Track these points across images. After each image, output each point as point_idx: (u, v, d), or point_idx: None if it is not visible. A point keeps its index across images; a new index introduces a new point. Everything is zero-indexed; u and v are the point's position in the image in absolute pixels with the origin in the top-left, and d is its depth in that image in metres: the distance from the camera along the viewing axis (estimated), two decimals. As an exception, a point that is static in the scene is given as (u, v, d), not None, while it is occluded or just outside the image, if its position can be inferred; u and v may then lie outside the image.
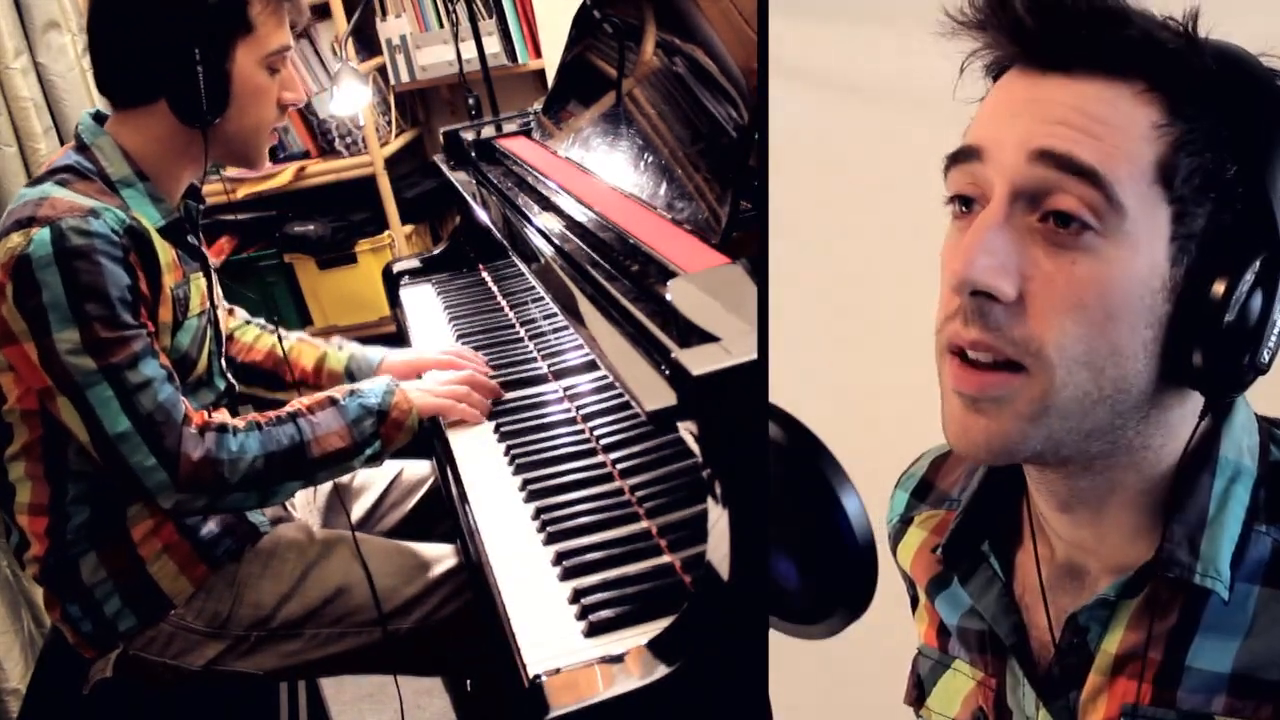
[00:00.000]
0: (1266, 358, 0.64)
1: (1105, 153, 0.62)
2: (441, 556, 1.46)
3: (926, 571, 0.84)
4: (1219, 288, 0.63)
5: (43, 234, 1.25)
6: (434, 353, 1.67)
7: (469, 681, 1.57)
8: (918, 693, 0.86)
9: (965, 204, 0.68)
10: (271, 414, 1.38)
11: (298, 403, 1.40)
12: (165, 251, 1.37)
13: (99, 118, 1.41)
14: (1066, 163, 0.62)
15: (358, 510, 1.69)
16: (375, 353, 1.72)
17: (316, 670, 1.45)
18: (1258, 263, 0.63)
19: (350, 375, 1.69)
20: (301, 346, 1.73)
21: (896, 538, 0.88)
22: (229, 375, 1.55)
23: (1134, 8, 0.65)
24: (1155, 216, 0.63)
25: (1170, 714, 0.66)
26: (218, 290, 1.55)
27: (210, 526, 1.43)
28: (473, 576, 1.26)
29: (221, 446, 1.31)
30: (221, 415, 1.40)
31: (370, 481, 1.71)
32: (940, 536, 0.82)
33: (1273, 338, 0.64)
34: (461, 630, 1.41)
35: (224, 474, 1.31)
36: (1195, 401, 0.67)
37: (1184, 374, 0.65)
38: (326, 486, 1.70)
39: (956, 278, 0.64)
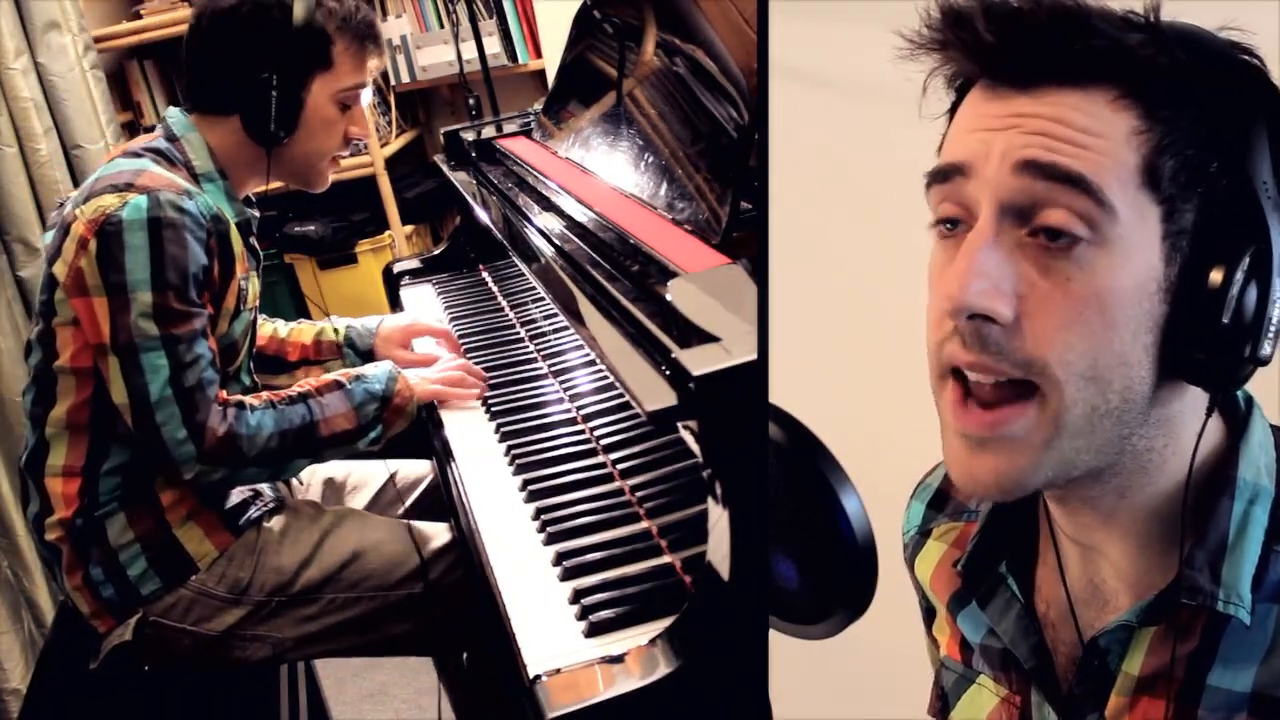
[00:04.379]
0: (1268, 348, 0.63)
1: (1090, 160, 0.62)
2: (443, 530, 1.50)
3: (948, 587, 0.83)
4: (1215, 278, 0.62)
5: (139, 200, 1.32)
6: (426, 321, 1.79)
7: (464, 656, 1.58)
8: (941, 705, 0.85)
9: (951, 224, 0.67)
10: (283, 393, 1.44)
11: (306, 384, 1.46)
12: (238, 244, 1.45)
13: (184, 112, 1.50)
14: (1053, 172, 0.62)
15: (353, 506, 1.70)
16: (371, 320, 1.80)
17: (329, 639, 1.47)
18: (1250, 251, 0.62)
19: (350, 342, 1.76)
20: (300, 327, 1.80)
21: (915, 550, 0.87)
22: (254, 375, 1.61)
23: (1094, 7, 0.64)
24: (1146, 219, 0.63)
25: None
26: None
27: (233, 496, 1.48)
28: (472, 576, 1.26)
29: (241, 422, 1.37)
30: (237, 394, 1.45)
31: (366, 480, 1.73)
32: (960, 550, 0.81)
33: (1272, 325, 0.63)
34: (467, 598, 1.42)
35: (243, 449, 1.37)
36: (1194, 395, 0.67)
37: (1186, 372, 0.64)
38: (319, 482, 1.72)
39: (951, 303, 0.63)
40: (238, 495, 1.49)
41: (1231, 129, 0.63)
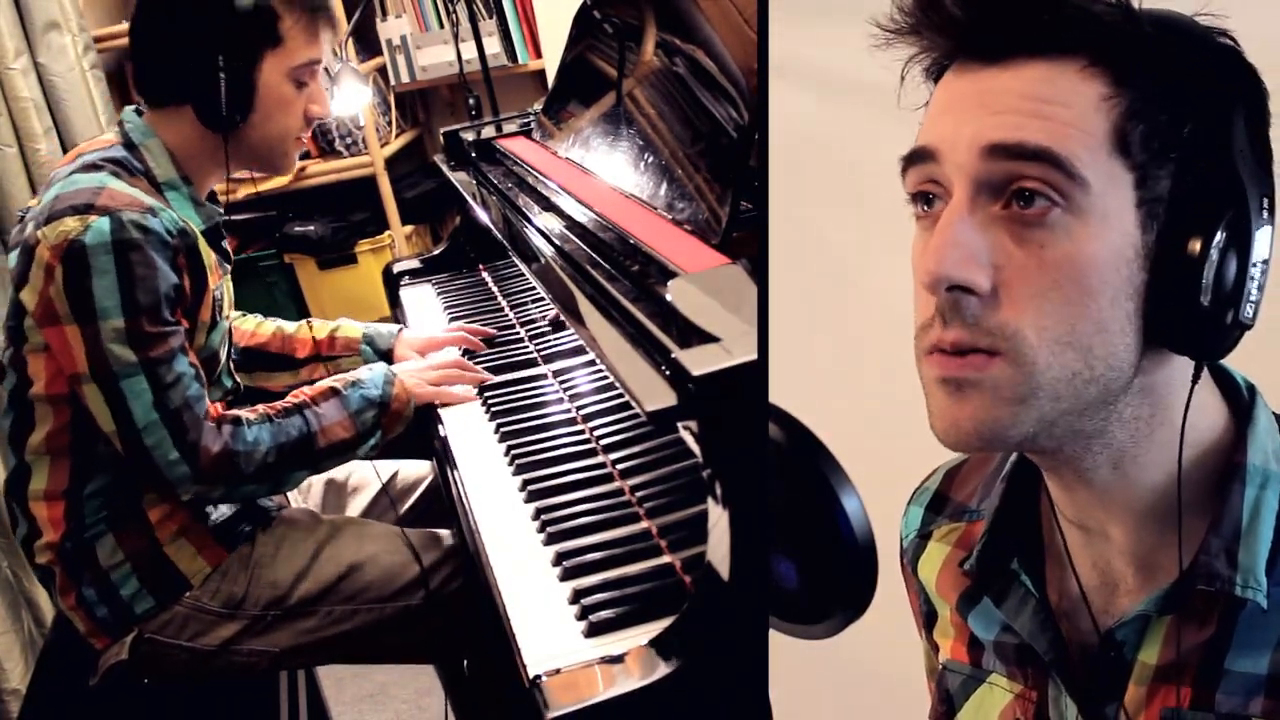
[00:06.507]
0: (1250, 313, 0.64)
1: (1056, 132, 0.63)
2: (443, 538, 1.49)
3: (955, 587, 0.83)
4: (1194, 246, 0.62)
5: (101, 223, 1.27)
6: (444, 332, 1.76)
7: (465, 663, 1.58)
8: (945, 708, 0.85)
9: (926, 202, 0.68)
10: (278, 405, 1.42)
11: (301, 393, 1.44)
12: (208, 254, 1.41)
13: (139, 113, 1.45)
14: (1019, 150, 0.63)
15: (354, 509, 1.70)
16: (391, 327, 1.79)
17: (327, 651, 1.47)
18: (1228, 217, 0.62)
19: (369, 340, 1.75)
20: (310, 324, 1.78)
21: (916, 554, 0.87)
22: (235, 374, 1.59)
23: None
24: (1119, 186, 0.63)
25: (1209, 717, 0.66)
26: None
27: (223, 510, 1.46)
28: (473, 576, 1.26)
29: (238, 439, 1.35)
30: (233, 409, 1.43)
31: (366, 481, 1.72)
32: (964, 550, 0.81)
33: (1253, 292, 0.64)
34: (466, 608, 1.43)
35: (240, 465, 1.35)
36: (1181, 365, 0.67)
37: (1170, 340, 0.65)
38: (320, 485, 1.72)
39: (929, 275, 0.64)
40: (229, 509, 1.46)
41: (1204, 95, 0.64)
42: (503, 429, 1.46)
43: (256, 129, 1.43)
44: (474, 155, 2.02)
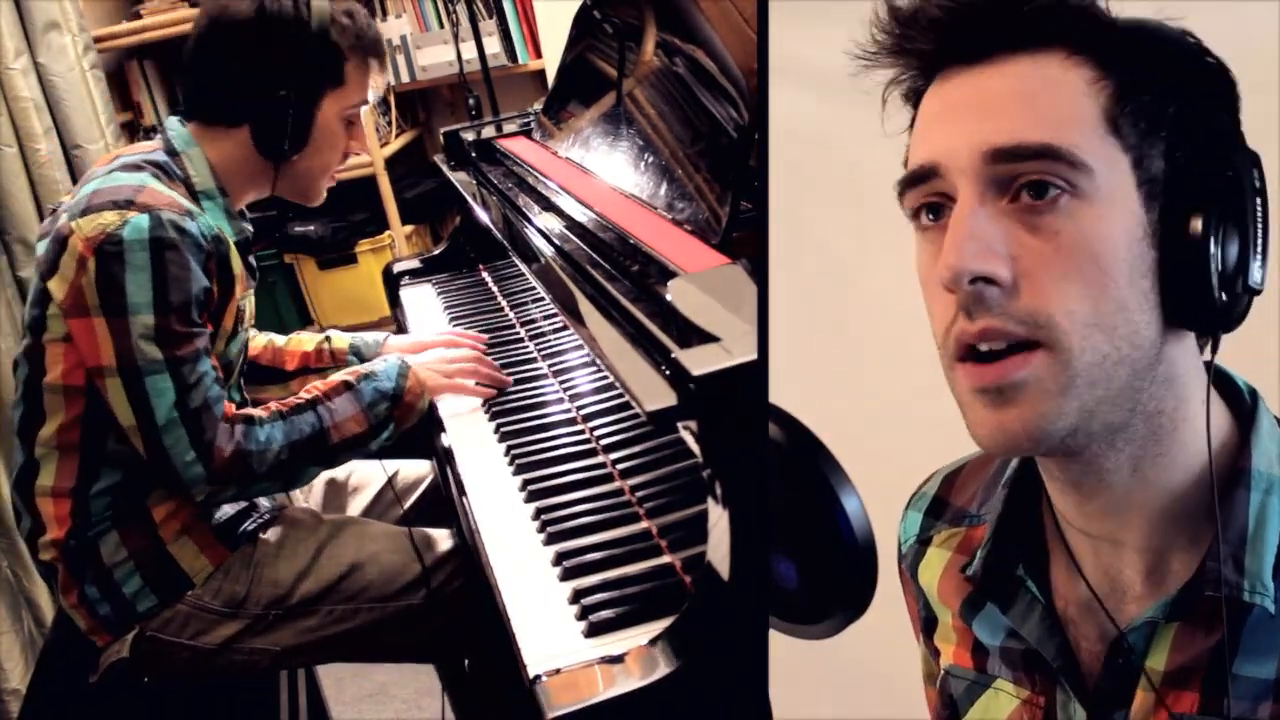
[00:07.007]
0: (1259, 277, 0.65)
1: (1052, 125, 0.64)
2: (443, 538, 1.49)
3: (957, 593, 0.82)
4: (1191, 222, 0.64)
5: (141, 219, 1.29)
6: (433, 335, 1.75)
7: (466, 663, 1.58)
8: (949, 713, 0.84)
9: (933, 211, 0.68)
10: (291, 401, 1.42)
11: (314, 388, 1.44)
12: (237, 264, 1.43)
13: (183, 123, 1.48)
14: (1020, 152, 0.64)
15: (354, 508, 1.70)
16: (377, 335, 1.79)
17: (328, 650, 1.47)
18: (1220, 191, 0.64)
19: (356, 351, 1.75)
20: (299, 336, 1.79)
21: (915, 559, 0.87)
22: (244, 390, 1.60)
23: None
24: (1119, 169, 0.64)
25: None
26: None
27: (226, 510, 1.46)
28: (473, 576, 1.26)
29: (250, 438, 1.35)
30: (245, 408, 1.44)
31: (367, 480, 1.73)
32: (965, 555, 0.81)
33: (1257, 261, 0.65)
34: (466, 608, 1.43)
35: (253, 465, 1.35)
36: (1196, 356, 0.68)
37: (1185, 315, 0.66)
38: (320, 484, 1.72)
39: (950, 270, 0.64)
40: (232, 508, 1.47)
41: (1180, 82, 0.66)
42: (503, 429, 1.46)
43: (304, 161, 1.49)
44: (474, 155, 2.02)
